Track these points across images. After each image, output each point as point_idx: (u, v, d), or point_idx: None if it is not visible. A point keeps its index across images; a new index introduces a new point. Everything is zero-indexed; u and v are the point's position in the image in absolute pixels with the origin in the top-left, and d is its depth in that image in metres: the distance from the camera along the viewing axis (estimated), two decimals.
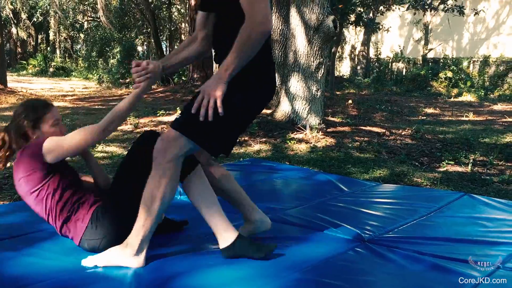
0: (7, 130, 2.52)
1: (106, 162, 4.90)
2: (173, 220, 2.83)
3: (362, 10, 15.33)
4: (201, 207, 2.36)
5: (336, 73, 21.07)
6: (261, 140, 6.13)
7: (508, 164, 5.19)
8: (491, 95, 16.04)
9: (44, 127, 2.48)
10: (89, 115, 9.05)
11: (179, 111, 1.95)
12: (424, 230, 2.95)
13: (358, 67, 22.46)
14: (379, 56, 22.75)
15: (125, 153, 5.30)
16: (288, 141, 6.02)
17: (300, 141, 6.10)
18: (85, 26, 29.16)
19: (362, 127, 7.31)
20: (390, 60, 22.04)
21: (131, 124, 7.36)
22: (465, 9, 15.62)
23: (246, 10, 2.04)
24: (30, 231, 2.75)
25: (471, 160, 5.16)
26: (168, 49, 25.85)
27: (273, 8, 7.65)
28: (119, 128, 7.08)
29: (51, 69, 25.86)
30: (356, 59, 23.32)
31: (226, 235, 2.35)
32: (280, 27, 7.64)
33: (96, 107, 10.82)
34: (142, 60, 2.50)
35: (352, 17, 14.64)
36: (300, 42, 6.57)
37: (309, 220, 3.05)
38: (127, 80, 18.40)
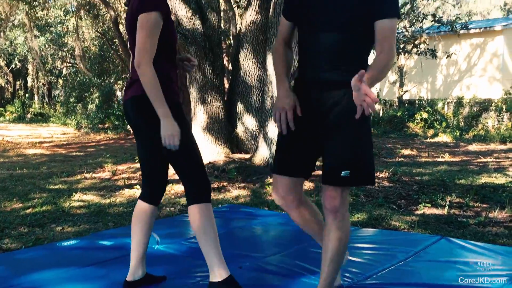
0: None
1: (82, 212, 4.84)
2: (151, 275, 2.80)
3: None
4: (201, 239, 2.54)
5: None
6: (239, 185, 6.14)
7: (484, 205, 5.26)
8: (466, 136, 16.35)
9: None
10: (67, 162, 8.98)
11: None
12: (402, 276, 2.96)
13: None
14: None
15: (103, 201, 5.28)
16: (267, 186, 6.03)
17: None
18: (64, 71, 29.24)
19: None
20: None
21: (108, 171, 7.31)
22: (437, 52, 16.09)
23: (389, 42, 2.24)
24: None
25: (448, 202, 5.22)
26: None
27: (251, 54, 7.80)
28: (96, 175, 7.04)
29: (29, 115, 25.73)
30: None
31: (218, 272, 2.49)
32: (257, 73, 7.76)
33: (74, 153, 10.74)
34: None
35: None
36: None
37: (288, 268, 3.05)
38: (106, 125, 18.38)
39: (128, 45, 2.69)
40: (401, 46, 15.13)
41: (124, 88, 3.11)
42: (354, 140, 2.29)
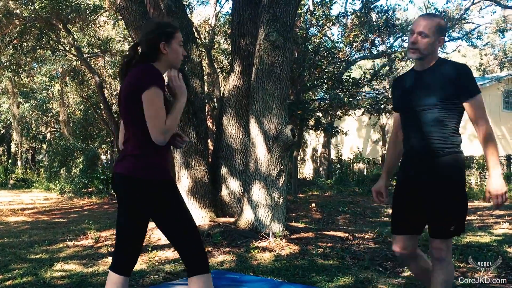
0: (138, 44, 2.74)
1: (64, 282, 4.73)
2: None
3: (320, 115, 15.95)
4: None
5: (299, 175, 21.40)
6: (224, 250, 6.07)
7: (469, 265, 5.25)
8: None
9: (174, 44, 2.71)
10: (49, 230, 8.83)
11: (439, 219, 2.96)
12: None
13: (321, 169, 22.94)
14: (340, 157, 23.36)
15: (85, 270, 5.17)
16: (252, 250, 5.98)
17: (264, 249, 6.07)
18: (48, 136, 29.23)
19: (325, 232, 7.34)
20: (351, 161, 22.64)
21: (91, 238, 7.20)
22: None
23: (480, 116, 2.86)
24: None
25: None
26: None
27: (234, 118, 7.91)
28: (78, 243, 6.93)
29: (11, 181, 25.41)
30: (318, 161, 23.87)
31: None
32: (241, 137, 7.85)
33: (56, 220, 10.59)
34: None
35: (311, 122, 15.19)
36: (260, 151, 6.74)
37: None
38: (90, 189, 18.21)
39: (122, 119, 2.75)
40: (382, 106, 15.45)
41: (112, 155, 3.17)
42: (455, 200, 2.89)
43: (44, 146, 29.29)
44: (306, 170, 25.28)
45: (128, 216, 2.71)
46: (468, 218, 9.84)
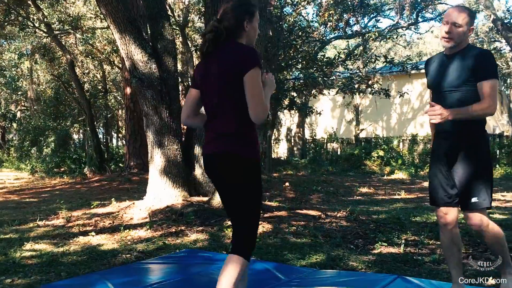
0: (221, 21, 2.71)
1: (34, 262, 4.67)
2: None
3: (295, 94, 15.95)
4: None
5: (274, 155, 21.47)
6: (197, 229, 6.07)
7: (438, 242, 5.35)
8: (421, 172, 16.74)
9: (255, 22, 2.74)
10: (19, 209, 8.70)
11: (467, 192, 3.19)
12: None
13: (295, 148, 23.04)
14: (314, 137, 23.48)
15: (56, 250, 5.11)
16: (225, 229, 5.99)
17: None
18: (18, 115, 28.65)
19: (298, 211, 7.39)
20: (325, 141, 22.77)
21: (63, 218, 7.12)
22: (390, 91, 16.56)
23: (492, 97, 3.04)
24: None
25: (403, 241, 5.29)
26: (104, 136, 25.65)
27: None
28: (49, 223, 6.84)
29: None
30: (292, 140, 23.96)
31: None
32: None
33: (27, 200, 10.44)
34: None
35: (286, 102, 15.19)
36: None
37: None
38: (62, 169, 17.99)
39: (215, 98, 2.70)
40: (356, 86, 15.51)
41: (84, 135, 3.12)
42: (477, 174, 3.16)
43: (14, 125, 28.71)
44: (281, 150, 25.36)
45: (227, 194, 2.77)
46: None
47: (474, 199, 3.09)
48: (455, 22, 3.15)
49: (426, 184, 13.36)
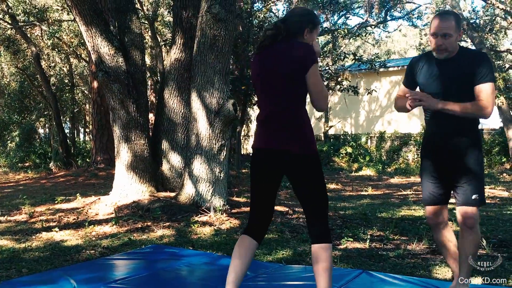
0: (285, 21, 2.87)
1: None
2: None
3: None
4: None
5: (243, 151, 21.46)
6: (164, 224, 6.01)
7: (403, 238, 5.43)
8: (388, 169, 16.97)
9: (314, 33, 2.90)
10: None
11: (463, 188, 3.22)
12: None
13: None
14: None
15: (18, 246, 4.99)
16: (192, 225, 5.95)
17: (204, 224, 6.05)
18: None
19: None
20: None
21: (25, 213, 6.96)
22: (359, 89, 16.73)
23: (488, 100, 3.05)
24: None
25: (369, 236, 5.35)
26: (71, 130, 25.22)
27: (175, 92, 7.78)
28: (11, 218, 6.69)
29: None
30: None
31: None
32: (182, 111, 7.74)
33: None
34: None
35: (256, 97, 15.18)
36: (202, 125, 6.67)
37: None
38: (26, 164, 17.61)
39: (273, 90, 2.83)
40: (325, 83, 15.61)
41: (50, 129, 3.05)
42: (476, 172, 3.16)
43: None
44: (250, 146, 25.35)
45: (272, 186, 2.93)
46: (404, 192, 10.20)
47: (475, 196, 3.12)
48: (445, 33, 3.09)
49: (392, 180, 13.58)
